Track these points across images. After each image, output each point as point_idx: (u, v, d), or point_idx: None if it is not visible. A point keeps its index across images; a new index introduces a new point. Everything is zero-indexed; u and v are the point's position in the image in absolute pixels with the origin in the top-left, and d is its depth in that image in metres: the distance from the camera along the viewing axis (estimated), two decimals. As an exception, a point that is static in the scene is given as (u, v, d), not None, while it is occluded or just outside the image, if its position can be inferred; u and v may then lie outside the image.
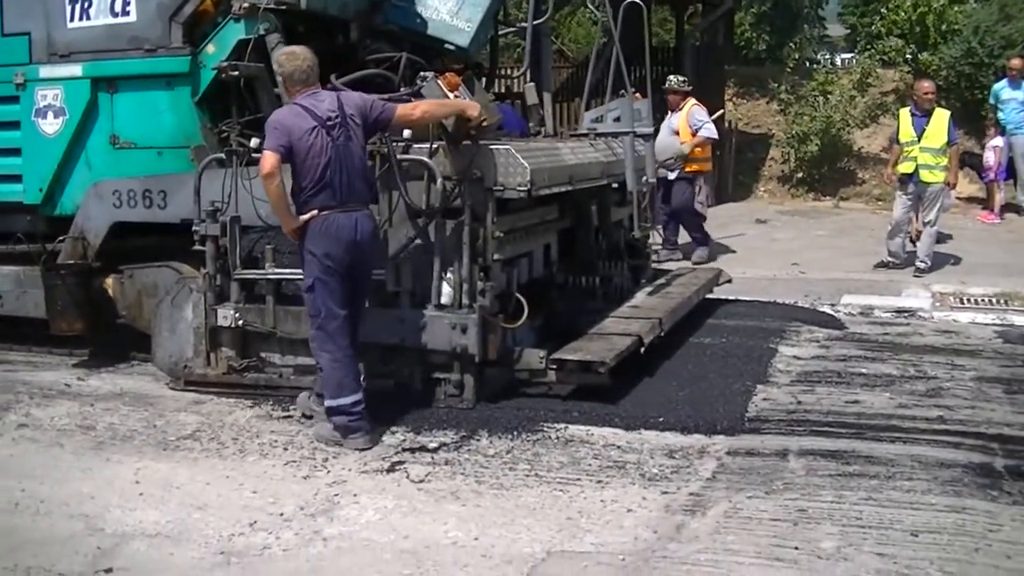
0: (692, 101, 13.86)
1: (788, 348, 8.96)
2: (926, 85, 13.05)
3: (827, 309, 10.72)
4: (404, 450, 6.48)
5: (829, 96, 21.08)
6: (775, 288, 11.82)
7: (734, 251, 14.26)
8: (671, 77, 14.14)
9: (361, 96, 6.86)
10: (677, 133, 13.50)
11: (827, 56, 29.76)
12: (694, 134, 13.49)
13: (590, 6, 10.61)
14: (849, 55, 28.78)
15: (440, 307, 7.20)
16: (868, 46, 22.62)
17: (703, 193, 13.69)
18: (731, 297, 10.91)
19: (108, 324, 8.67)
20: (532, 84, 10.16)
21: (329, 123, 6.51)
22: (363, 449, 6.51)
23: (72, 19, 8.43)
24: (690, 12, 23.64)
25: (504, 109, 11.00)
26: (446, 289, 7.20)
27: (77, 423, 7.17)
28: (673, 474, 5.99)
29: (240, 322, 7.59)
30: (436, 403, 7.20)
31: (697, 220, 13.62)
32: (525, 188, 7.13)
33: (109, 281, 8.55)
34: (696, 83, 20.97)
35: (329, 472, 6.15)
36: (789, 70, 23.63)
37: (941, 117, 12.61)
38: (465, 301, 7.14)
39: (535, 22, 9.55)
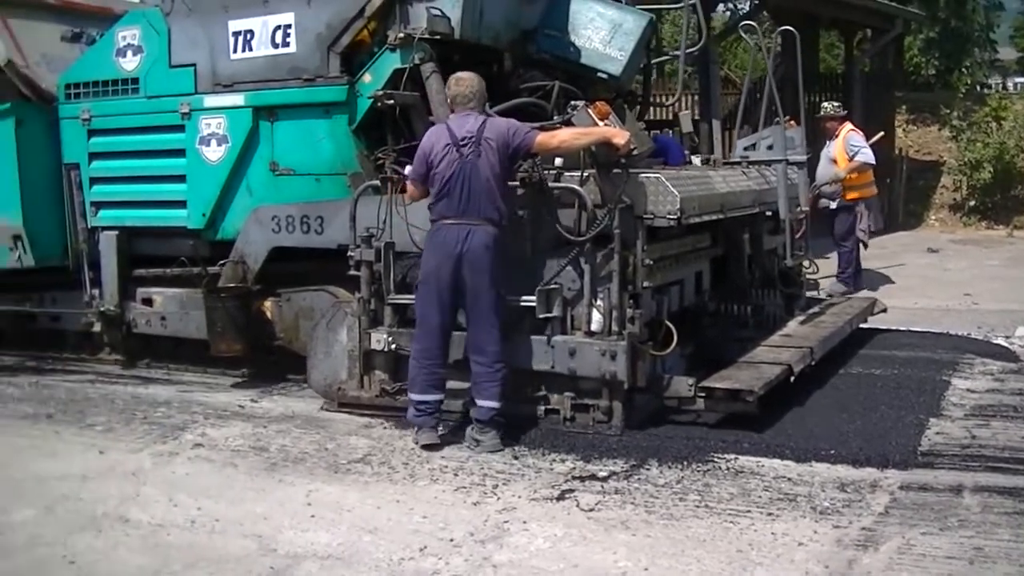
0: (848, 126, 13.73)
1: (961, 381, 8.84)
2: None
3: (1001, 341, 10.61)
4: (574, 478, 6.56)
5: (1003, 122, 20.84)
6: (947, 319, 11.77)
7: (904, 281, 14.12)
8: (825, 104, 14.05)
9: (508, 122, 7.28)
10: (835, 161, 13.39)
11: (999, 81, 29.34)
12: (850, 160, 13.33)
13: (742, 34, 10.74)
14: (1022, 79, 28.33)
15: (590, 334, 7.39)
16: (1043, 69, 22.28)
17: (864, 221, 13.48)
18: (902, 328, 10.90)
19: (266, 346, 9.11)
20: (687, 112, 10.35)
21: (462, 142, 7.09)
22: (422, 445, 7.17)
23: (235, 51, 8.93)
24: (859, 38, 23.54)
25: (665, 140, 11.25)
26: (596, 316, 7.39)
27: (250, 444, 7.46)
28: (845, 508, 5.95)
29: (393, 346, 7.89)
30: (585, 429, 7.38)
31: (847, 252, 13.43)
32: (675, 216, 7.30)
33: (267, 304, 8.99)
34: (865, 109, 21.02)
35: (499, 499, 6.24)
36: (961, 95, 23.41)
37: None
38: (615, 328, 7.32)
39: (688, 51, 9.73)
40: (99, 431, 7.90)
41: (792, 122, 9.64)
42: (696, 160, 9.85)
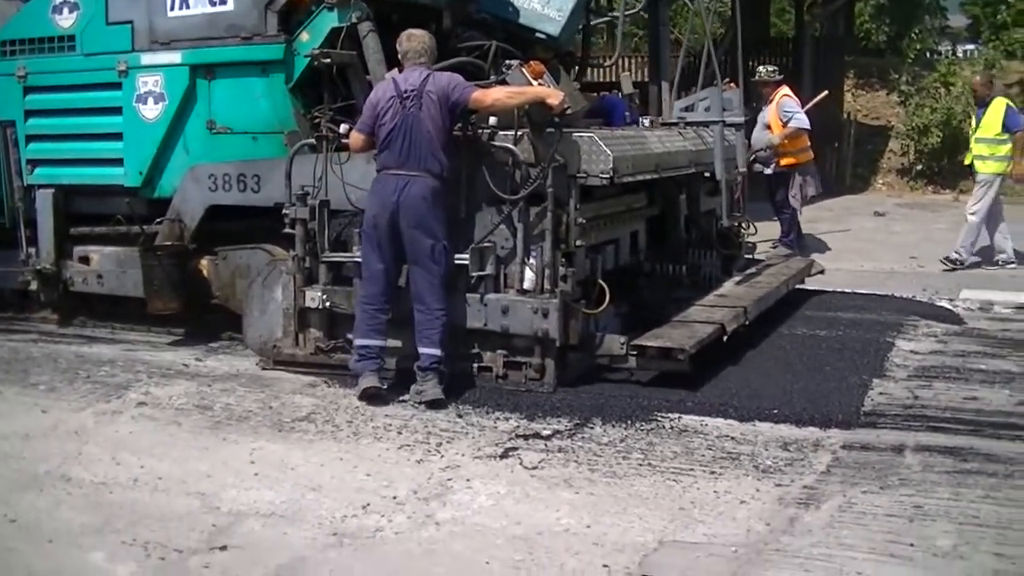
0: (783, 91, 13.63)
1: (905, 342, 9.00)
2: (977, 78, 13.66)
3: (945, 304, 10.80)
4: (518, 436, 6.66)
5: (951, 88, 21.07)
6: (892, 281, 11.96)
7: (851, 244, 14.29)
8: (760, 68, 14.01)
9: (449, 76, 7.45)
10: (769, 127, 13.35)
11: (948, 47, 29.62)
12: (784, 125, 13.27)
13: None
14: (971, 46, 28.63)
15: (523, 292, 7.52)
16: (993, 36, 22.53)
17: (796, 186, 13.43)
18: (848, 290, 11.09)
19: (203, 304, 9.18)
20: (627, 73, 10.45)
21: (405, 95, 7.29)
22: (364, 389, 7.35)
23: (172, 8, 8.92)
24: (810, 2, 23.73)
25: (612, 100, 11.36)
26: (528, 274, 7.51)
27: (195, 403, 7.50)
28: (787, 467, 6.05)
29: (328, 304, 8.00)
30: (517, 386, 7.50)
31: (787, 217, 13.50)
32: (608, 176, 7.44)
33: (204, 262, 9.05)
34: (815, 74, 21.20)
35: (443, 456, 6.32)
36: (910, 61, 23.64)
37: (997, 106, 12.89)
38: (547, 286, 7.45)
39: (628, 12, 9.83)
40: (42, 390, 7.92)
41: (731, 84, 9.78)
42: (645, 122, 9.94)
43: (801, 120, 13.33)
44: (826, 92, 16.14)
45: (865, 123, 23.21)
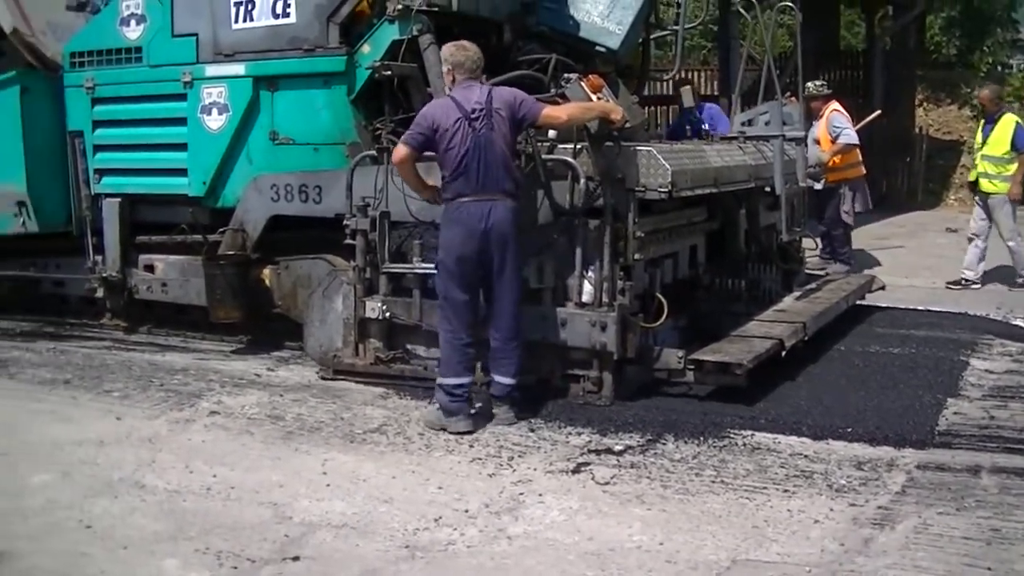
0: (832, 106, 13.50)
1: (980, 361, 8.89)
2: (985, 92, 13.04)
3: (1020, 322, 10.67)
4: (590, 451, 6.64)
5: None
6: (965, 299, 11.84)
7: (923, 260, 14.18)
8: (809, 84, 13.85)
9: (513, 92, 7.33)
10: (818, 142, 13.17)
11: (1021, 60, 29.36)
12: (833, 141, 13.13)
13: (740, 10, 10.88)
14: (1046, 59, 28.41)
15: (581, 305, 7.60)
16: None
17: (847, 202, 13.29)
18: (920, 307, 11.04)
19: (264, 313, 9.35)
20: (688, 87, 10.50)
21: (473, 115, 7.02)
22: (461, 432, 6.98)
23: (236, 20, 9.13)
24: (880, 15, 23.60)
25: (712, 109, 11.39)
26: (587, 287, 7.59)
27: (267, 412, 7.58)
28: (861, 486, 5.99)
29: (387, 314, 8.12)
30: (574, 399, 7.58)
31: (840, 234, 13.33)
32: (666, 189, 7.46)
33: (266, 272, 9.24)
34: (885, 87, 21.10)
35: (515, 471, 6.32)
36: (982, 75, 23.42)
37: (1006, 124, 12.54)
38: (605, 300, 7.52)
39: (688, 26, 9.88)
40: (116, 397, 8.07)
41: (792, 98, 9.82)
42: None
43: (850, 136, 13.20)
44: (879, 112, 16.05)
45: (936, 138, 23.03)
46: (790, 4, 9.12)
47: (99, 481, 6.18)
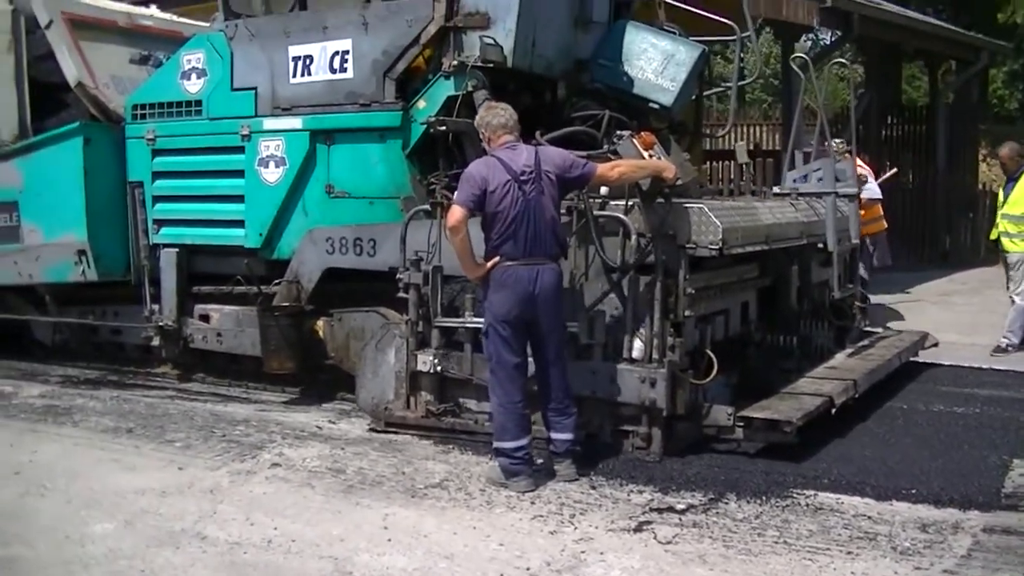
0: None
1: None
2: (1005, 150, 12.69)
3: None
4: (652, 510, 6.58)
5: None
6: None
7: (987, 317, 13.97)
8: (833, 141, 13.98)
9: (560, 153, 7.35)
10: None
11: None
12: None
13: (794, 67, 10.89)
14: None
15: (631, 361, 7.62)
16: None
17: (868, 256, 13.15)
18: (984, 366, 10.93)
19: (317, 364, 9.46)
20: (743, 143, 10.54)
21: (523, 177, 7.00)
22: (524, 492, 6.90)
23: (295, 75, 9.32)
24: (943, 69, 23.53)
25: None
26: (637, 343, 7.61)
27: (328, 465, 7.58)
28: (926, 549, 5.88)
29: (439, 368, 8.19)
30: (630, 455, 7.58)
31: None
32: (717, 247, 7.50)
33: (320, 323, 9.35)
34: (948, 142, 21.05)
35: (576, 528, 6.25)
36: (1045, 129, 23.29)
37: None
38: (655, 356, 7.54)
39: (741, 83, 9.94)
40: (178, 447, 8.14)
41: (846, 155, 9.84)
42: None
43: (872, 191, 13.14)
44: (895, 171, 16.03)
45: (1001, 193, 22.92)
46: (843, 61, 9.16)
47: (161, 531, 6.23)
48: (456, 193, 7.21)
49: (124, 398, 9.84)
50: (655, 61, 9.19)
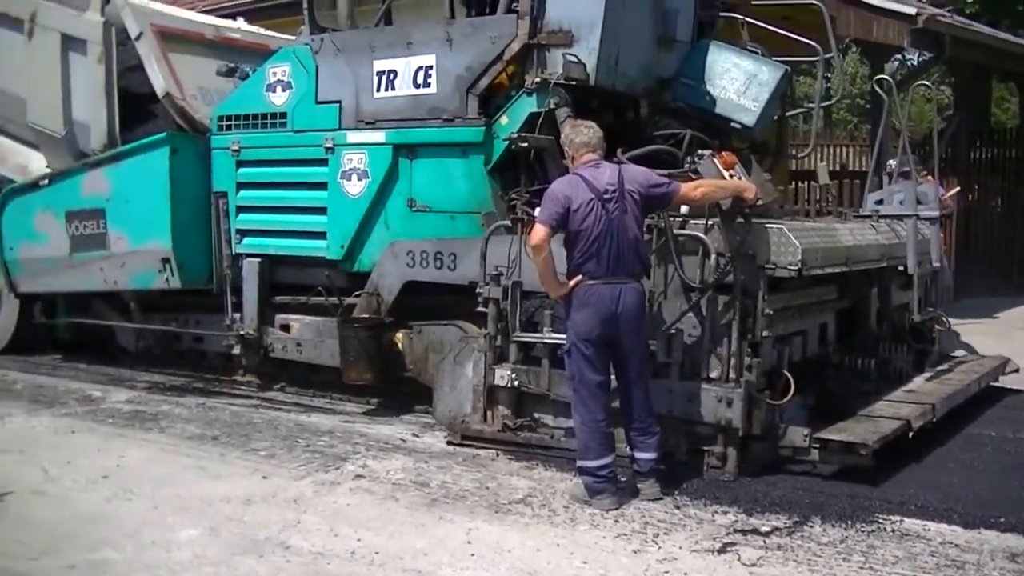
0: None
1: None
2: None
3: None
4: (736, 531, 6.52)
5: None
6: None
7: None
8: (891, 161, 13.88)
9: (644, 172, 7.36)
10: None
11: None
12: None
13: (877, 89, 10.84)
14: None
15: (708, 380, 7.63)
16: None
17: None
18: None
19: (396, 376, 9.55)
20: (824, 164, 10.50)
21: (606, 196, 6.97)
22: (608, 510, 6.85)
23: (379, 89, 9.43)
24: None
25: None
26: (715, 363, 7.62)
27: (411, 478, 7.56)
28: None
29: (516, 382, 8.23)
30: (706, 475, 7.53)
31: None
32: (796, 267, 7.48)
33: (399, 336, 9.43)
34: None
35: (660, 548, 6.22)
36: None
37: None
38: (732, 375, 7.54)
39: (823, 103, 9.90)
40: (262, 456, 8.18)
41: (928, 177, 9.79)
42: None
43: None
44: (958, 188, 15.85)
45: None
46: (927, 84, 9.11)
47: (246, 539, 6.28)
48: (539, 211, 7.23)
49: (209, 405, 9.95)
50: (738, 81, 9.19)
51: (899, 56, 25.65)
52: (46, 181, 11.52)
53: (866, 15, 14.46)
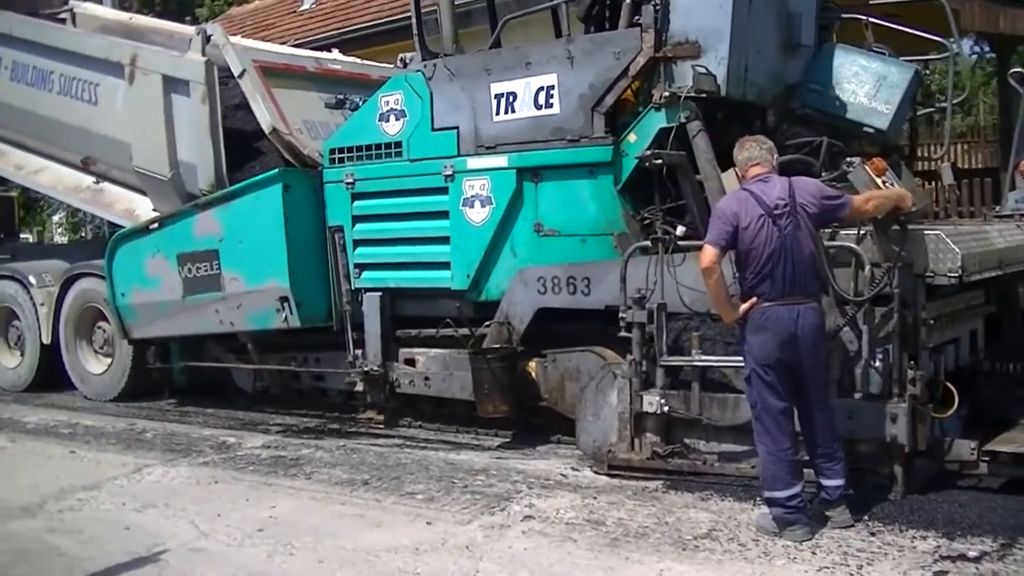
0: None
1: None
2: None
3: None
4: (942, 558, 6.20)
5: None
6: None
7: None
8: None
9: (816, 184, 7.07)
10: None
11: None
12: None
13: (1012, 83, 10.50)
14: None
15: (868, 396, 7.32)
16: None
17: None
18: None
19: (530, 407, 9.32)
20: (948, 164, 10.19)
21: (777, 212, 6.66)
22: (800, 541, 6.55)
23: (498, 113, 9.21)
24: None
25: None
26: (875, 377, 7.31)
27: (584, 517, 7.25)
28: None
29: (665, 408, 7.96)
30: (907, 499, 7.20)
31: None
32: (956, 274, 7.21)
33: (532, 365, 9.20)
34: None
35: None
36: None
37: None
38: (894, 390, 7.26)
39: (955, 101, 9.61)
40: (420, 500, 7.90)
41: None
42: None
43: None
44: None
45: None
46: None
47: (420, 592, 6.02)
48: (707, 232, 6.91)
49: (351, 447, 9.73)
50: (867, 84, 8.93)
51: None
52: (156, 225, 11.39)
53: (991, 6, 14.12)
